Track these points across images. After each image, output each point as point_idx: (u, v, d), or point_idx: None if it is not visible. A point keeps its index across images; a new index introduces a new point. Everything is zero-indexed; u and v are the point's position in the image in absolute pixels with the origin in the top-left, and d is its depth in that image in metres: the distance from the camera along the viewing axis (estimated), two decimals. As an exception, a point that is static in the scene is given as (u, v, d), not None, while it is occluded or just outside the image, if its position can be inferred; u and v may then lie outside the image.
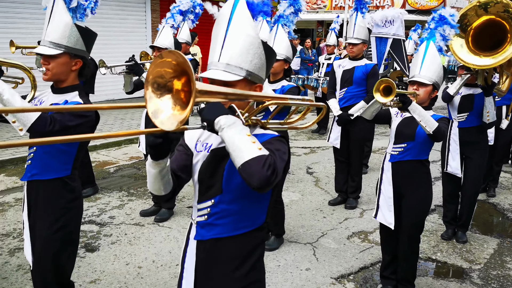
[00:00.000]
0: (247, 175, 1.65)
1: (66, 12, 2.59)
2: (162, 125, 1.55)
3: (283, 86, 4.23)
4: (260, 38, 1.93)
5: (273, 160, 1.68)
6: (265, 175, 1.63)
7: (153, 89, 1.57)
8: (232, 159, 1.69)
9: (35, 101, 2.74)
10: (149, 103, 1.57)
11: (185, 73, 1.54)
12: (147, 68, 5.23)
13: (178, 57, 1.52)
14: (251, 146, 1.66)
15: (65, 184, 2.67)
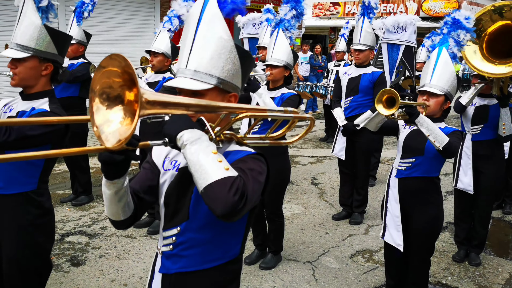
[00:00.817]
0: (210, 200, 1.40)
1: (35, 12, 2.36)
2: (107, 142, 1.31)
3: (283, 94, 3.97)
4: (233, 41, 1.68)
5: (243, 183, 1.43)
6: (231, 201, 1.38)
7: (101, 100, 1.33)
8: (195, 181, 1.44)
9: (5, 108, 2.51)
10: (96, 116, 1.33)
11: (133, 82, 1.29)
12: (146, 71, 5.00)
13: (121, 63, 1.27)
14: (216, 166, 1.41)
15: (31, 199, 2.43)
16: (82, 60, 5.53)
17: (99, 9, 5.98)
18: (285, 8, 4.08)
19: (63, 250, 4.49)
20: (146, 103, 1.30)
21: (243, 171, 1.53)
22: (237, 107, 1.63)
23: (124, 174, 1.54)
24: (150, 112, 1.35)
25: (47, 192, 2.53)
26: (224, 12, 1.71)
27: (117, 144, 1.29)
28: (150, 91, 1.33)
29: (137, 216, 1.77)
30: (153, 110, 1.35)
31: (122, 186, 1.58)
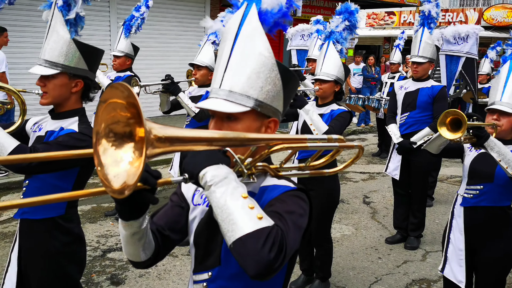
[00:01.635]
0: (240, 257, 1.17)
1: (63, 26, 2.23)
2: (112, 184, 1.09)
3: (333, 110, 3.69)
4: (274, 59, 1.44)
5: (280, 234, 1.19)
6: (266, 259, 1.14)
7: (108, 140, 1.11)
8: (222, 232, 1.21)
9: (35, 127, 2.40)
10: (103, 156, 1.11)
11: (140, 116, 1.05)
12: (192, 84, 4.87)
13: (123, 92, 1.05)
14: (247, 215, 1.18)
15: (58, 225, 2.30)
16: (129, 73, 5.49)
17: (147, 21, 5.94)
18: (337, 19, 3.81)
19: (104, 267, 4.39)
20: (156, 141, 1.08)
21: (280, 216, 1.28)
22: (271, 138, 1.37)
23: (141, 215, 1.32)
24: (162, 151, 1.11)
25: (76, 218, 2.39)
26: (266, 27, 1.48)
27: (119, 188, 1.07)
28: (162, 126, 1.10)
29: (159, 255, 1.54)
30: (165, 148, 1.11)
31: (139, 228, 1.36)
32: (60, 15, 2.23)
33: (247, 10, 1.44)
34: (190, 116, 4.63)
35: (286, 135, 1.43)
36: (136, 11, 5.63)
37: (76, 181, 2.29)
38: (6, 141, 1.97)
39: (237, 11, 1.47)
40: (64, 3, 2.23)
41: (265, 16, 1.46)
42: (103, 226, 5.42)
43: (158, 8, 11.55)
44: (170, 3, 12.31)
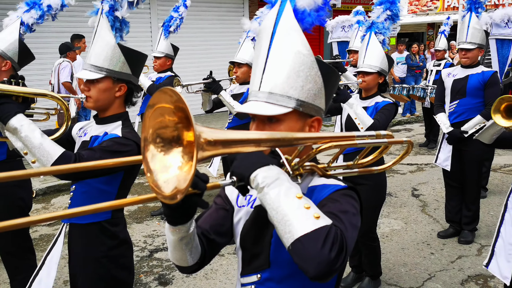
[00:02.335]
0: (300, 259, 1.14)
1: (109, 32, 2.25)
2: (162, 190, 1.08)
3: (377, 103, 3.56)
4: (313, 56, 1.38)
5: (339, 233, 1.15)
6: (327, 260, 1.11)
7: (156, 146, 1.10)
8: (279, 234, 1.18)
9: (80, 132, 2.43)
10: (152, 163, 1.10)
11: (189, 120, 1.04)
12: (233, 82, 4.85)
13: (172, 97, 1.04)
14: (303, 215, 1.15)
15: (105, 229, 2.31)
16: (169, 74, 5.53)
17: (187, 21, 5.97)
18: (377, 10, 3.67)
19: (152, 268, 4.44)
20: (206, 144, 1.06)
21: (335, 216, 1.24)
22: (319, 137, 1.32)
23: (189, 220, 1.31)
24: (212, 154, 1.10)
25: (122, 221, 2.40)
26: (303, 25, 1.42)
27: (171, 194, 1.06)
28: (210, 129, 1.08)
29: (205, 260, 1.52)
30: (215, 151, 1.10)
31: (187, 232, 1.35)
32: (106, 21, 2.25)
33: (281, 8, 1.40)
34: (232, 114, 4.62)
35: (334, 133, 1.38)
36: (174, 12, 5.67)
37: (121, 185, 2.31)
38: (52, 148, 1.99)
39: (271, 9, 1.42)
40: (110, 8, 2.25)
41: (301, 13, 1.41)
42: (149, 226, 5.49)
43: (197, 7, 11.64)
44: (208, 2, 12.36)
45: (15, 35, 3.22)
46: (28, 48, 3.31)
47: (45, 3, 3.31)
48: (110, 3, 2.31)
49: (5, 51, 3.17)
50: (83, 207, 1.11)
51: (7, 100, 2.03)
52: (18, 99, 2.10)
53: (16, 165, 3.35)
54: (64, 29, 9.52)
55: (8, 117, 1.99)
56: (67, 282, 4.18)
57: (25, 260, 3.40)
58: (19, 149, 1.98)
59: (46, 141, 1.98)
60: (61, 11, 3.42)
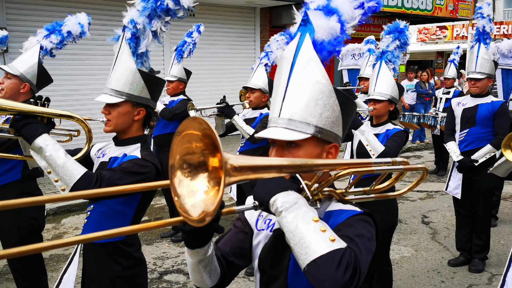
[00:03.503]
0: (315, 281, 1.17)
1: (130, 57, 2.33)
2: (189, 214, 1.15)
3: (388, 130, 3.61)
4: (331, 85, 1.45)
5: (353, 256, 1.19)
6: (341, 281, 1.14)
7: (183, 171, 1.17)
8: (295, 256, 1.22)
9: (99, 153, 2.50)
10: (179, 188, 1.17)
11: (216, 147, 1.11)
12: (245, 107, 4.94)
13: (201, 124, 1.12)
14: (319, 238, 1.19)
15: (119, 249, 2.35)
16: (182, 97, 5.63)
17: (199, 46, 6.09)
18: (387, 39, 3.76)
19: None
20: (232, 170, 1.12)
21: (351, 239, 1.28)
22: (337, 164, 1.39)
23: (206, 243, 1.37)
24: (237, 180, 1.16)
25: (136, 242, 2.45)
26: (321, 56, 1.49)
27: (200, 217, 1.12)
28: (236, 156, 1.15)
29: (224, 282, 1.57)
30: (240, 176, 1.16)
31: (205, 255, 1.40)
32: (127, 47, 2.32)
33: (301, 40, 1.47)
34: (245, 138, 4.69)
35: (352, 160, 1.44)
36: (188, 37, 5.80)
37: (138, 207, 2.35)
38: (75, 168, 2.05)
39: (292, 41, 1.50)
40: (132, 35, 2.33)
41: (319, 45, 1.48)
42: (159, 248, 5.51)
43: (209, 32, 11.85)
44: (220, 28, 12.59)
45: (34, 59, 3.32)
46: (47, 71, 3.40)
47: (65, 29, 3.43)
48: (132, 30, 2.40)
49: (24, 73, 3.26)
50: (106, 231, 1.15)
51: (33, 120, 2.11)
52: (43, 120, 2.18)
53: (31, 185, 3.41)
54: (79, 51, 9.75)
55: (34, 137, 2.06)
56: (77, 302, 4.20)
57: (36, 281, 3.42)
58: (43, 167, 2.04)
59: (69, 161, 2.05)
60: (80, 38, 3.53)
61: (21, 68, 3.25)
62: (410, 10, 14.71)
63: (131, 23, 2.35)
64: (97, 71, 10.20)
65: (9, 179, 3.28)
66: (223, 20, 12.65)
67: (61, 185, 2.01)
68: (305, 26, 1.47)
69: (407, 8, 14.58)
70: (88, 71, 10.29)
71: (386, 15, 14.36)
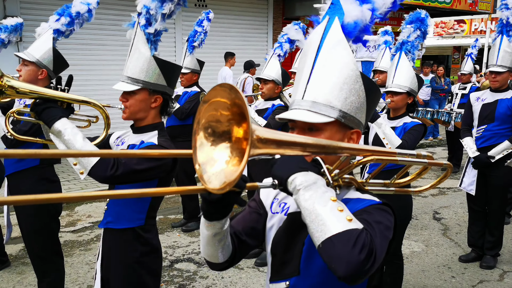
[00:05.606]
0: (329, 258, 1.16)
1: (145, 44, 2.32)
2: (209, 183, 1.14)
3: (406, 123, 3.56)
4: (358, 70, 1.43)
5: (370, 238, 1.18)
6: (356, 260, 1.13)
7: (206, 135, 1.17)
8: (310, 233, 1.21)
9: (118, 141, 2.51)
10: (199, 152, 1.17)
11: (243, 117, 1.10)
12: (258, 98, 4.92)
13: (231, 94, 1.10)
14: (336, 216, 1.18)
15: (138, 235, 2.36)
16: (196, 89, 5.62)
17: (211, 36, 6.05)
18: (408, 29, 3.69)
19: (172, 277, 4.48)
20: (258, 141, 1.11)
21: (368, 223, 1.26)
22: (362, 149, 1.37)
23: (225, 216, 1.36)
24: (261, 152, 1.15)
25: (154, 229, 2.46)
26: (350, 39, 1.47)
27: (221, 187, 1.11)
28: (263, 128, 1.13)
29: (235, 259, 1.57)
30: (265, 149, 1.15)
31: (221, 229, 1.40)
32: (142, 34, 2.31)
33: (329, 23, 1.44)
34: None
35: (376, 147, 1.41)
36: (198, 26, 5.74)
37: None
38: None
39: (319, 24, 1.48)
40: (146, 21, 2.32)
41: (348, 29, 1.45)
42: (170, 237, 5.54)
43: (222, 23, 11.82)
44: (233, 19, 12.52)
45: (48, 44, 3.30)
46: (62, 56, 3.40)
47: (73, 10, 3.40)
48: (146, 16, 2.39)
49: (40, 59, 3.25)
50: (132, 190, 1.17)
51: (52, 104, 2.13)
52: (62, 105, 2.19)
53: (49, 171, 3.44)
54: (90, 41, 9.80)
55: (53, 121, 2.09)
56: (90, 287, 4.24)
57: (53, 264, 3.46)
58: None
59: (87, 145, 2.07)
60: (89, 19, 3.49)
61: (37, 54, 3.25)
62: (428, 2, 14.46)
63: (145, 8, 2.33)
64: (108, 61, 10.25)
65: (27, 165, 3.30)
66: (235, 11, 12.57)
67: (79, 168, 2.03)
68: (334, 10, 1.45)
69: (425, 0, 14.36)
70: (100, 61, 10.32)
71: (404, 7, 14.19)
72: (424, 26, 3.76)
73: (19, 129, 2.96)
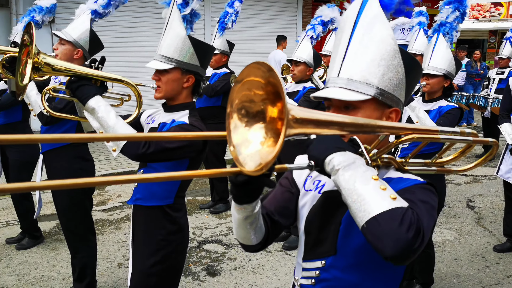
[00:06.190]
0: (375, 238, 1.12)
1: (180, 23, 2.30)
2: (245, 165, 1.11)
3: (441, 106, 3.45)
4: (397, 45, 1.36)
5: (416, 216, 1.13)
6: (404, 238, 1.09)
7: (240, 116, 1.13)
8: (352, 213, 1.17)
9: (148, 119, 2.52)
10: (234, 134, 1.14)
11: (278, 96, 1.06)
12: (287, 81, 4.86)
13: (265, 73, 1.05)
14: (379, 195, 1.14)
15: (166, 214, 2.38)
16: (225, 70, 5.59)
17: (240, 18, 5.99)
18: (446, 10, 3.55)
19: (200, 258, 4.52)
20: (294, 121, 1.07)
21: (413, 202, 1.21)
22: (402, 127, 1.31)
23: (255, 199, 1.33)
24: (297, 132, 1.11)
25: (183, 208, 2.47)
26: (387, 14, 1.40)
27: (257, 168, 1.08)
28: (298, 107, 1.09)
29: (268, 240, 1.55)
30: (300, 129, 1.11)
31: (252, 212, 1.37)
32: (178, 13, 2.30)
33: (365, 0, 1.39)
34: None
35: (417, 125, 1.35)
36: (229, 7, 5.69)
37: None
38: (125, 129, 2.11)
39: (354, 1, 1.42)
40: (183, 1, 2.30)
41: (386, 2, 1.39)
42: (198, 218, 5.58)
43: (251, 5, 11.70)
44: (262, 1, 12.41)
45: (86, 25, 3.36)
46: (98, 37, 3.44)
47: None
48: None
49: (77, 39, 3.31)
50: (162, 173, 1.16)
51: (87, 82, 2.16)
52: (96, 83, 2.20)
53: (83, 149, 3.50)
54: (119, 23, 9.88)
55: (87, 98, 2.12)
56: (121, 265, 4.33)
57: (86, 241, 3.55)
58: (95, 128, 2.10)
59: (120, 122, 2.09)
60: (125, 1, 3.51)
61: (74, 34, 3.31)
62: (465, -17, 13.98)
63: None
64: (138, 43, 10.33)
65: (62, 143, 3.36)
66: (265, -7, 12.46)
67: (112, 145, 2.04)
68: None
69: (461, -18, 13.87)
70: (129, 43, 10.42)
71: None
72: (463, 7, 3.61)
73: (54, 106, 3.02)
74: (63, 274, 4.12)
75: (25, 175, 4.53)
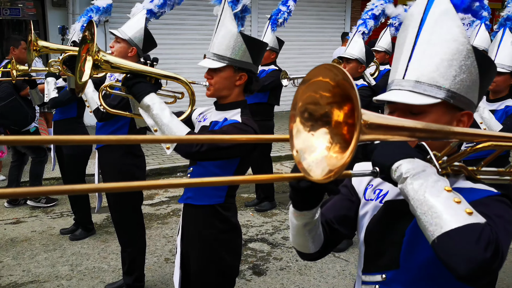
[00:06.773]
0: (447, 255, 1.03)
1: (232, 20, 2.27)
2: (310, 171, 1.04)
3: (508, 106, 3.27)
4: (470, 44, 1.26)
5: (495, 235, 1.03)
6: (481, 258, 1.00)
7: (303, 120, 1.07)
8: (421, 226, 1.08)
9: (200, 117, 2.50)
10: (296, 139, 1.07)
11: (348, 99, 0.99)
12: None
13: (337, 75, 0.98)
14: (453, 208, 1.05)
15: (217, 212, 2.35)
16: (273, 67, 5.53)
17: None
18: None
19: (246, 257, 4.49)
20: (367, 127, 0.98)
21: (489, 217, 1.11)
22: (476, 134, 1.21)
23: (316, 206, 1.27)
24: (368, 138, 1.03)
25: (233, 207, 2.44)
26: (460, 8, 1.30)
27: (325, 176, 1.01)
28: (370, 112, 1.01)
29: (327, 249, 1.48)
30: (372, 135, 1.03)
31: (312, 219, 1.31)
32: (229, 10, 2.28)
33: None
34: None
35: (494, 132, 1.25)
36: (283, 5, 5.64)
37: (236, 171, 2.33)
38: (179, 127, 2.11)
39: None
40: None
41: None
42: (243, 216, 5.56)
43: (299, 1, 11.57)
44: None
45: (141, 24, 3.42)
46: (152, 36, 3.49)
47: None
48: None
49: (132, 38, 3.37)
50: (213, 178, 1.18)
51: (142, 79, 2.18)
52: (151, 80, 2.21)
53: (135, 146, 3.57)
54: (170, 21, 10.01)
55: (142, 95, 2.14)
56: (168, 260, 4.37)
57: (136, 234, 3.61)
58: (150, 125, 2.13)
59: (174, 120, 2.10)
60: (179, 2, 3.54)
61: (129, 33, 3.37)
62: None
63: None
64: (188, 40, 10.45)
65: None
66: (313, -11, 12.29)
67: (165, 143, 2.04)
68: None
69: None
70: (180, 41, 10.55)
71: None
72: (531, 0, 3.40)
73: (109, 103, 3.08)
74: (113, 266, 4.20)
75: (79, 169, 4.71)
